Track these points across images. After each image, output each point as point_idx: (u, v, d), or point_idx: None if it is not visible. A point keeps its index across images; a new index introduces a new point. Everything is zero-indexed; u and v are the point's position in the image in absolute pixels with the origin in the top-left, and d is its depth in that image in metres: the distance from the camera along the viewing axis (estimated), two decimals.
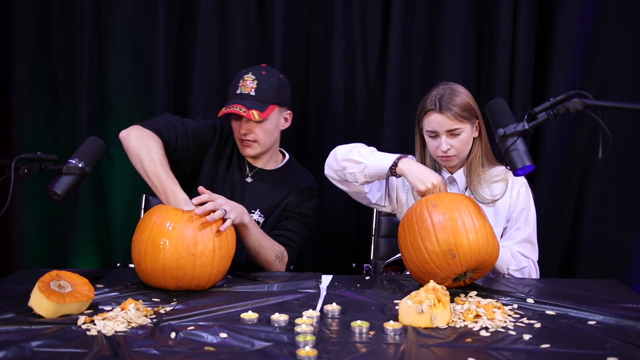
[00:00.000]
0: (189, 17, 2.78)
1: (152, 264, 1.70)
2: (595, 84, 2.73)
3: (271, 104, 2.09)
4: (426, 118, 2.04)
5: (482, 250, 1.70)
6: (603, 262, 2.79)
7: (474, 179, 2.08)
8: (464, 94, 2.04)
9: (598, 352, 1.30)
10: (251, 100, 2.07)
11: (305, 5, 2.81)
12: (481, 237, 1.70)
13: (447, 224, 1.70)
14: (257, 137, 2.11)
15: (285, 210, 2.17)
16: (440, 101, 2.00)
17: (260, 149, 2.14)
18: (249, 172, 2.19)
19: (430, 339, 1.37)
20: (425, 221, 1.73)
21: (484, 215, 1.78)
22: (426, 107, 2.03)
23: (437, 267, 1.70)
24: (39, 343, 1.32)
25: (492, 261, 1.75)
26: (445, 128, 2.01)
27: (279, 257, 2.08)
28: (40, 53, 2.78)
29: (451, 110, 1.99)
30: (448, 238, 1.69)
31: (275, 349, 1.30)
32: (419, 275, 1.77)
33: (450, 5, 2.73)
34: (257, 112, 2.04)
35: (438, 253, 1.69)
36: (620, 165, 2.76)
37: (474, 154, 2.09)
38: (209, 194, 1.83)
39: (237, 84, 2.10)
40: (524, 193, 2.09)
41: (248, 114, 2.03)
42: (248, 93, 2.07)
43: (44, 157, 1.63)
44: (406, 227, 1.78)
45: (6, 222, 2.79)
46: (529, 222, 2.08)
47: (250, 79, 2.08)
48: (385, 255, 2.49)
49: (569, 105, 1.55)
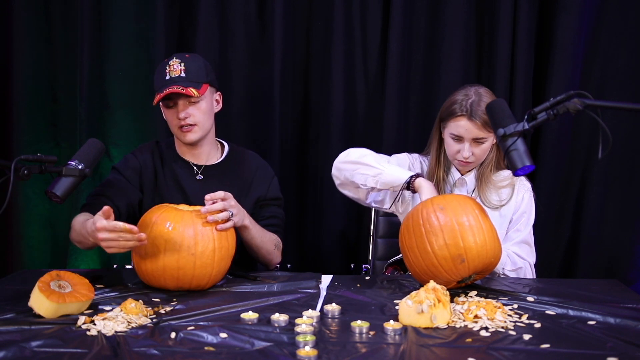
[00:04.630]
0: (189, 17, 2.78)
1: (152, 264, 1.70)
2: (595, 84, 2.73)
3: (203, 82, 2.04)
4: (454, 122, 2.00)
5: (490, 254, 1.70)
6: (603, 262, 2.80)
7: (483, 184, 2.09)
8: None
9: (598, 352, 1.29)
10: (183, 80, 2.01)
11: (305, 5, 2.81)
12: (488, 241, 1.70)
13: (455, 227, 1.68)
14: (197, 119, 2.05)
15: (257, 201, 2.16)
16: (471, 107, 1.97)
17: (201, 132, 2.08)
18: (197, 171, 2.14)
19: (430, 339, 1.37)
20: (433, 224, 1.70)
21: (488, 216, 1.78)
22: (455, 111, 1.99)
23: (445, 270, 1.69)
24: (39, 343, 1.32)
25: (496, 263, 1.75)
26: (472, 136, 1.99)
27: (277, 246, 2.11)
28: (40, 53, 2.78)
29: (481, 119, 1.96)
30: (457, 242, 1.67)
31: (275, 349, 1.30)
32: (424, 277, 1.75)
33: (450, 5, 2.73)
34: (194, 89, 1.99)
35: (447, 257, 1.68)
36: (620, 165, 2.76)
37: (489, 160, 2.09)
38: (224, 193, 1.83)
39: (164, 71, 2.04)
40: (528, 198, 2.10)
41: (187, 91, 1.98)
42: (178, 76, 2.02)
43: (44, 159, 1.63)
44: (411, 229, 1.75)
45: (6, 222, 2.79)
46: (529, 225, 2.09)
47: (177, 62, 2.03)
48: (383, 255, 2.49)
49: (569, 105, 1.55)
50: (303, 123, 2.88)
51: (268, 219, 2.15)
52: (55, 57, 2.80)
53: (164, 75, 2.04)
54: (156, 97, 2.02)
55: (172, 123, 2.09)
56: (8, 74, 2.76)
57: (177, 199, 2.04)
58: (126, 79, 2.80)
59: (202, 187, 2.06)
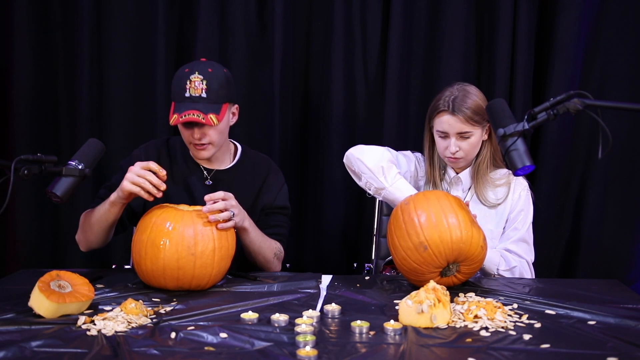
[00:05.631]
0: (189, 16, 2.78)
1: (153, 264, 1.70)
2: (595, 84, 2.73)
3: (223, 103, 1.97)
4: (438, 118, 2.04)
5: (456, 239, 1.68)
6: (603, 262, 2.79)
7: (479, 182, 2.09)
8: (477, 97, 2.03)
9: (598, 352, 1.30)
10: (204, 103, 1.92)
11: (305, 5, 2.81)
12: (453, 226, 1.69)
13: (415, 218, 1.72)
14: (212, 139, 1.98)
15: (264, 209, 2.14)
16: (453, 103, 2.00)
17: (215, 149, 2.03)
18: (207, 175, 2.10)
19: (430, 339, 1.37)
20: (398, 219, 1.76)
21: (463, 206, 1.77)
22: (439, 107, 2.03)
23: (414, 262, 1.71)
24: (39, 343, 1.32)
25: (474, 250, 1.71)
26: (456, 130, 2.01)
27: (277, 255, 2.08)
28: (40, 53, 2.78)
29: (463, 113, 1.98)
30: (417, 230, 1.70)
31: (275, 349, 1.30)
32: (407, 276, 1.80)
33: (450, 6, 2.73)
34: (214, 115, 1.92)
35: (411, 247, 1.71)
36: (620, 165, 2.76)
37: (483, 156, 2.10)
38: (223, 193, 1.82)
39: (184, 85, 1.93)
40: (525, 196, 2.10)
41: (207, 120, 1.90)
42: (199, 95, 1.93)
43: (44, 159, 1.63)
44: (389, 231, 1.81)
45: (6, 222, 2.79)
46: (526, 223, 2.09)
47: (199, 79, 1.93)
48: (386, 254, 2.49)
49: (569, 105, 1.55)
50: (303, 123, 2.88)
51: (273, 228, 2.12)
52: (55, 56, 2.80)
53: (184, 90, 1.94)
54: (173, 115, 1.93)
55: (186, 138, 2.03)
56: (8, 74, 2.76)
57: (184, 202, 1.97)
58: (126, 79, 2.80)
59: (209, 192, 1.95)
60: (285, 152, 2.83)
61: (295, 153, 2.88)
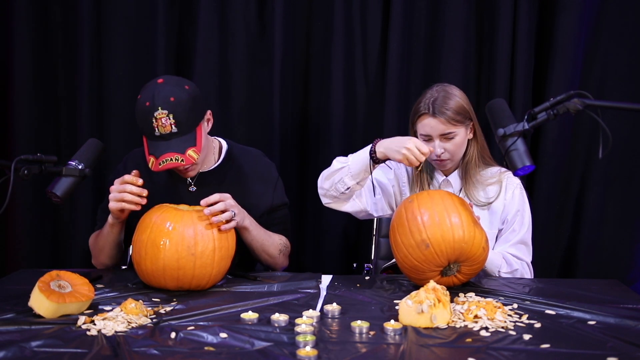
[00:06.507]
0: (189, 17, 2.78)
1: (152, 264, 1.70)
2: (595, 84, 2.73)
3: (196, 127, 1.86)
4: (419, 122, 2.03)
5: (458, 238, 1.68)
6: (603, 262, 2.79)
7: (468, 181, 2.08)
8: (458, 97, 2.02)
9: (598, 352, 1.30)
10: (177, 138, 1.81)
11: (305, 5, 2.81)
12: (455, 226, 1.69)
13: (418, 216, 1.72)
14: (197, 161, 1.87)
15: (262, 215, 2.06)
16: (433, 105, 1.98)
17: (199, 166, 1.98)
18: (190, 181, 2.01)
19: (430, 339, 1.37)
20: (402, 217, 1.76)
21: (467, 207, 1.77)
22: (419, 110, 2.02)
23: (415, 260, 1.71)
24: (39, 343, 1.32)
25: (475, 251, 1.71)
26: (439, 132, 2.00)
27: (282, 251, 2.08)
28: (40, 53, 2.78)
29: (444, 115, 1.97)
30: (419, 228, 1.70)
31: (275, 349, 1.30)
32: (408, 274, 1.80)
33: (450, 6, 2.73)
34: (192, 148, 1.83)
35: (413, 245, 1.71)
36: (620, 166, 2.76)
37: (469, 155, 2.08)
38: (219, 195, 1.80)
39: (151, 124, 1.80)
40: (519, 194, 2.07)
41: (187, 159, 1.82)
42: (170, 132, 1.80)
43: (44, 159, 1.63)
44: (392, 228, 1.81)
45: (6, 222, 2.79)
46: (524, 223, 2.06)
47: (164, 115, 1.79)
48: (386, 255, 2.49)
49: (569, 105, 1.55)
50: (303, 123, 2.88)
51: (276, 226, 2.11)
52: (55, 57, 2.80)
53: (152, 128, 1.81)
54: (150, 156, 1.83)
55: None
56: (8, 74, 2.76)
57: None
58: (126, 79, 2.79)
59: (196, 199, 1.86)
60: (285, 152, 2.83)
61: (295, 153, 2.88)
